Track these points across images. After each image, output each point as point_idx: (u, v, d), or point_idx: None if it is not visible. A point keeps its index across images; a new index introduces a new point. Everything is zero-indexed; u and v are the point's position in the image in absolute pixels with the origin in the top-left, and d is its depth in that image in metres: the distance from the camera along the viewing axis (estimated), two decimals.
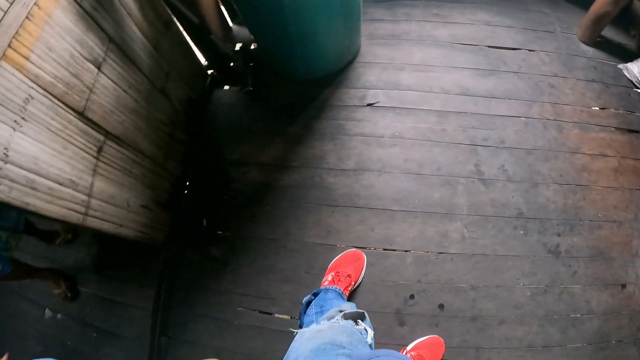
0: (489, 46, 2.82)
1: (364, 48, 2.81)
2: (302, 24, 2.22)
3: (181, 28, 2.40)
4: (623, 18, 2.86)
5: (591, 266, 2.14)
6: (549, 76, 2.70)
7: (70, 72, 1.51)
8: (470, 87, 2.61)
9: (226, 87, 2.82)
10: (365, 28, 2.83)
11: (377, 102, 2.57)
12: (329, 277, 1.97)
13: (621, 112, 2.61)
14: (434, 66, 2.71)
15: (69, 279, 2.34)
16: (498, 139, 2.42)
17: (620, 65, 2.86)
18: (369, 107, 2.56)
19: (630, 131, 2.55)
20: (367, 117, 2.52)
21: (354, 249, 2.16)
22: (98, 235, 2.35)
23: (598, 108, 2.60)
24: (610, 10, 2.72)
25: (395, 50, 2.79)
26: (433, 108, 2.53)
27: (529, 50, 2.82)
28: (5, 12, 1.23)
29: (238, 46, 2.89)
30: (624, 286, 2.11)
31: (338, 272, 1.98)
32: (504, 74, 2.68)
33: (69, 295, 2.30)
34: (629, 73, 2.81)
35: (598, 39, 2.96)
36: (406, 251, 2.18)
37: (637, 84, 2.75)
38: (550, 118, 2.52)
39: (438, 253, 2.16)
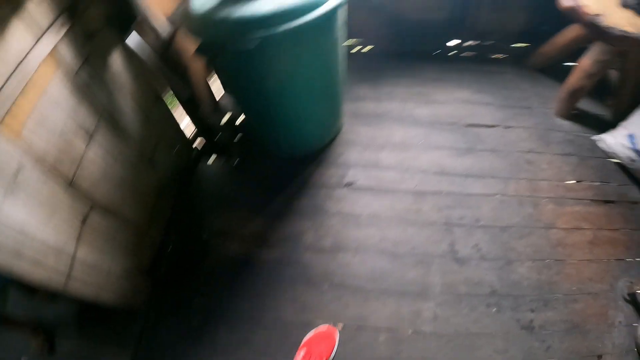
0: (467, 124, 3.06)
1: (346, 126, 3.06)
2: (285, 108, 2.49)
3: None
4: (599, 88, 3.08)
5: (566, 340, 2.23)
6: (526, 152, 2.92)
7: (61, 143, 1.63)
8: (447, 166, 2.82)
9: (212, 158, 3.05)
10: (349, 106, 3.09)
11: (356, 181, 2.78)
12: (301, 354, 2.09)
13: (597, 183, 2.79)
14: (413, 146, 2.94)
15: (47, 333, 2.40)
16: (473, 217, 2.60)
17: (596, 137, 3.07)
18: (348, 186, 2.77)
19: (606, 202, 2.71)
20: (346, 197, 2.72)
21: (327, 326, 2.29)
22: None
23: (574, 181, 2.79)
24: (585, 84, 2.96)
25: (377, 129, 3.03)
26: (410, 188, 2.73)
27: (507, 127, 3.06)
28: (4, 84, 1.36)
29: (227, 117, 3.14)
30: (600, 357, 2.18)
31: (310, 349, 2.11)
32: (481, 152, 2.90)
33: (45, 349, 2.35)
34: (604, 144, 3.01)
35: (574, 112, 3.20)
36: (379, 329, 2.30)
37: (612, 155, 2.94)
38: (526, 194, 2.70)
39: (411, 332, 2.28)
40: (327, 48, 2.36)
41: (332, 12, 2.07)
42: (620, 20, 2.41)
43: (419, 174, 2.78)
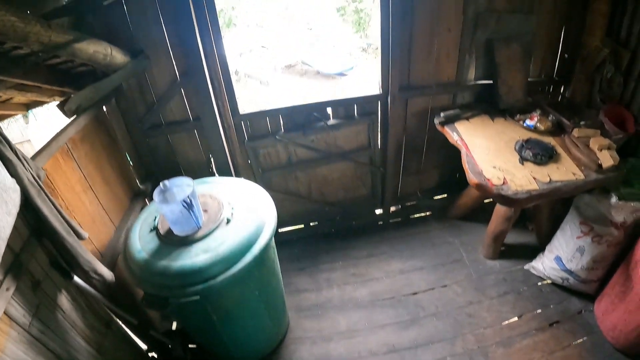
0: (405, 295, 3.43)
1: (293, 322, 3.34)
2: (232, 332, 2.77)
3: (121, 323, 2.79)
4: (520, 214, 3.49)
5: None
6: (465, 306, 3.28)
7: None
8: (395, 343, 3.10)
9: None
10: (291, 300, 3.43)
11: None
12: None
13: (538, 311, 3.14)
14: (359, 330, 3.22)
15: None
16: None
17: (527, 266, 3.52)
18: None
19: (551, 325, 3.05)
20: None
21: None
22: None
23: (516, 318, 3.13)
24: (504, 227, 3.44)
25: (322, 321, 3.34)
26: None
27: (442, 286, 3.46)
28: None
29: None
30: None
31: None
32: (423, 320, 3.23)
33: None
34: (535, 271, 3.44)
35: (502, 249, 3.63)
36: None
37: (545, 278, 3.35)
38: (474, 347, 2.99)
39: None
40: (264, 274, 2.66)
41: (265, 248, 2.35)
42: (522, 179, 2.72)
43: (370, 357, 3.03)
